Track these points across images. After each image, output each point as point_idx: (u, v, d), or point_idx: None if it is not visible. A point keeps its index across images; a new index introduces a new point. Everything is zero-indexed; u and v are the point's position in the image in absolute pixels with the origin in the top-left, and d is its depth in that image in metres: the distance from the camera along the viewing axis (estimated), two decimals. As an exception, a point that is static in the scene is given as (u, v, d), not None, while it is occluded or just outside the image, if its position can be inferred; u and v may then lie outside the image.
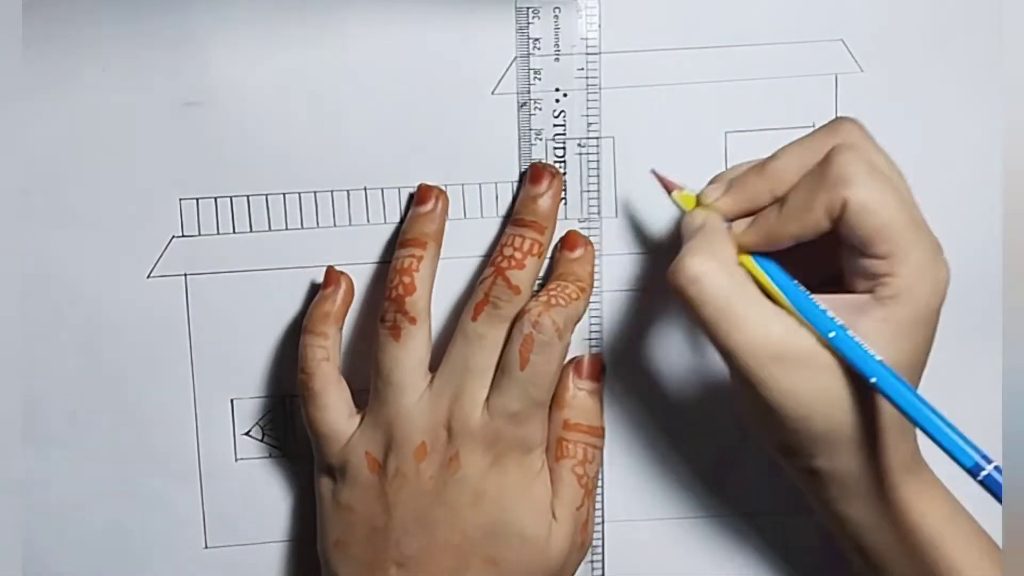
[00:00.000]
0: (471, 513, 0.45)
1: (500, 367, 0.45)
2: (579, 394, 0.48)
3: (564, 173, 0.48)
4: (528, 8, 0.47)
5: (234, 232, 0.48)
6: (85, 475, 0.49)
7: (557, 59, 0.47)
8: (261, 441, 0.49)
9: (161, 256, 0.48)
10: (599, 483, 0.49)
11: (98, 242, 0.48)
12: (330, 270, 0.48)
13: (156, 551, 0.49)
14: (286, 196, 0.48)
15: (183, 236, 0.48)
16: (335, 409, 0.47)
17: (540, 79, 0.47)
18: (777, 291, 0.41)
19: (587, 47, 0.47)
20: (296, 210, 0.48)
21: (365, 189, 0.48)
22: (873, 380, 0.39)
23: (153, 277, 0.48)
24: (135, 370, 0.49)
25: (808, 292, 0.41)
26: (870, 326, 0.40)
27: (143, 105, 0.47)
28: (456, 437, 0.45)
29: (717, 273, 0.40)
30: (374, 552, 0.45)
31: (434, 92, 0.48)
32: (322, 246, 0.48)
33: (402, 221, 0.48)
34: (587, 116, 0.48)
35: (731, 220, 0.43)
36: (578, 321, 0.46)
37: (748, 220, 0.43)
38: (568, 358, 0.48)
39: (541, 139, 0.48)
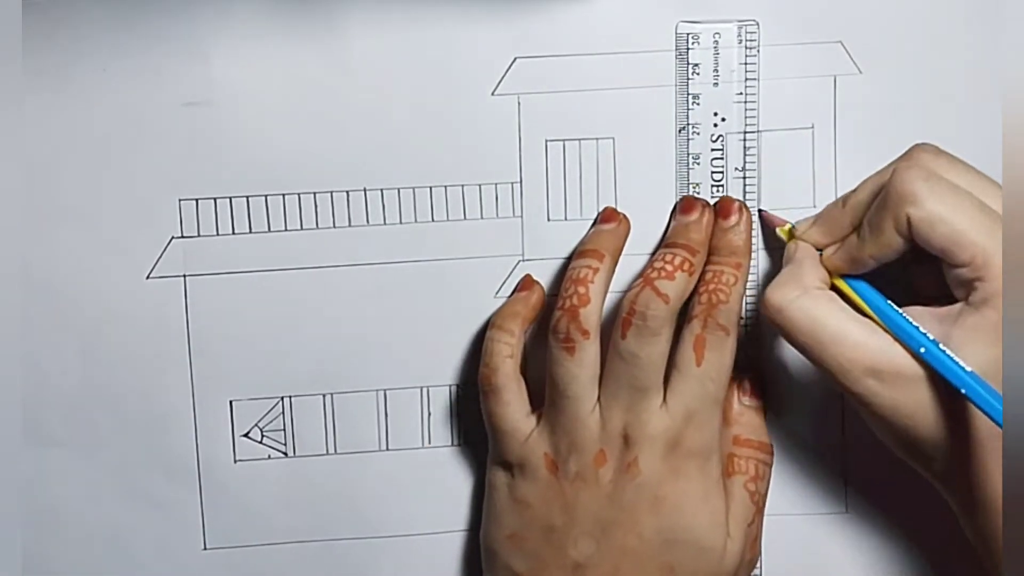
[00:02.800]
0: (650, 518, 0.45)
1: (673, 367, 0.46)
2: (746, 411, 0.48)
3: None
4: (688, 34, 0.47)
5: (233, 233, 0.48)
6: (84, 476, 0.49)
7: (716, 84, 0.48)
8: (260, 443, 0.49)
9: (160, 257, 0.48)
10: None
11: (97, 243, 0.48)
12: (527, 278, 0.48)
13: (155, 552, 0.49)
14: (285, 197, 0.48)
15: (182, 237, 0.48)
16: (515, 406, 0.47)
17: (699, 104, 0.48)
18: (868, 309, 0.43)
19: (746, 73, 0.48)
20: (296, 211, 0.48)
21: (365, 190, 0.48)
22: (963, 391, 0.40)
23: (152, 278, 0.48)
24: (134, 371, 0.49)
25: (899, 309, 0.43)
26: (964, 334, 0.41)
27: (143, 106, 0.47)
28: (635, 444, 0.45)
29: (801, 299, 0.43)
30: (550, 550, 0.46)
31: (434, 92, 0.48)
32: (322, 247, 0.48)
33: (402, 222, 0.48)
34: (744, 140, 0.48)
35: (820, 250, 0.46)
36: (743, 298, 0.47)
37: (836, 247, 0.46)
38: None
39: (699, 164, 0.48)
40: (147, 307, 0.48)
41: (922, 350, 0.41)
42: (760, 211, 0.48)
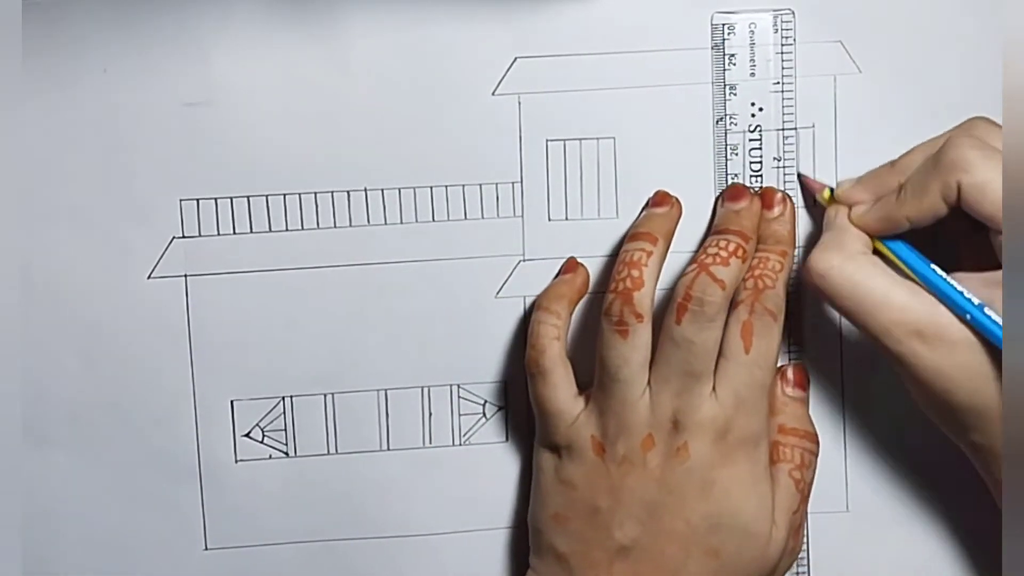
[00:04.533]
0: (698, 503, 0.45)
1: (722, 354, 0.45)
2: (790, 401, 0.48)
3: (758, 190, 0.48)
4: (724, 24, 0.47)
5: (235, 233, 0.48)
6: (85, 476, 0.49)
7: (752, 74, 0.48)
8: (261, 442, 0.49)
9: (161, 257, 0.48)
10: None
11: (98, 243, 0.48)
12: (571, 260, 0.48)
13: (156, 552, 0.49)
14: (286, 197, 0.48)
15: (183, 237, 0.48)
16: (563, 388, 0.47)
17: (736, 95, 0.48)
18: (912, 273, 0.44)
19: (783, 63, 0.48)
20: (296, 211, 0.48)
21: (366, 190, 0.48)
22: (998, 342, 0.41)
23: (153, 278, 0.48)
24: (135, 371, 0.49)
25: (944, 272, 0.43)
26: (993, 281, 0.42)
27: (143, 106, 0.47)
28: (685, 429, 0.45)
29: (844, 264, 0.44)
30: (594, 531, 0.46)
31: (434, 92, 0.48)
32: (323, 247, 0.48)
33: (403, 222, 0.48)
34: (783, 130, 0.48)
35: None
36: (788, 286, 0.46)
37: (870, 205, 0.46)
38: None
39: (737, 155, 0.48)
40: (148, 307, 0.48)
41: (967, 316, 0.42)
42: (800, 175, 0.48)
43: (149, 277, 0.48)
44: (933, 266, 0.44)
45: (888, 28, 0.48)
